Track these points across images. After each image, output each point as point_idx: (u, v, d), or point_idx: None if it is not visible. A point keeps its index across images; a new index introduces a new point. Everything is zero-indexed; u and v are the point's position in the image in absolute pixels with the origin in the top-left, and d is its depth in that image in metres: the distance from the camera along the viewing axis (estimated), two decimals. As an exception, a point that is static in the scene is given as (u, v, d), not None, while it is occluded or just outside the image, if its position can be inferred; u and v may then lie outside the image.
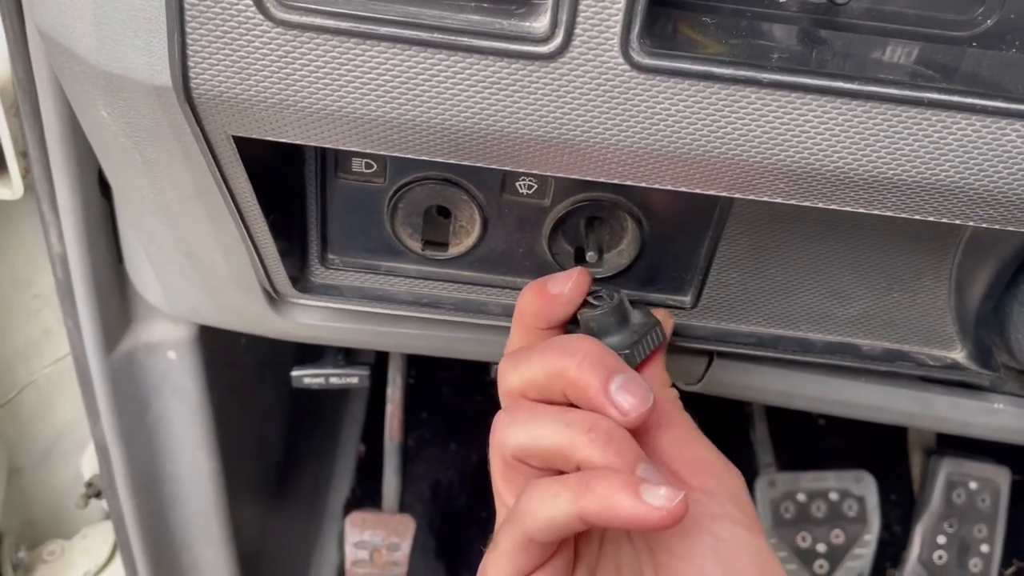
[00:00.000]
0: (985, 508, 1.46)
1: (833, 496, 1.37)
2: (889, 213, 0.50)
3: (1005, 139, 0.46)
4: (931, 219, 0.50)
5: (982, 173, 0.47)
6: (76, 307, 0.86)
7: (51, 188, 0.79)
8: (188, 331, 0.93)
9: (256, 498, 1.27)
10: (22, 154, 0.85)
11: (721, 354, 0.78)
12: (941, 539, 1.45)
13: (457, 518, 1.65)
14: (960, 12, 0.55)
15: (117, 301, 0.89)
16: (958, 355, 0.71)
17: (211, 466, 1.05)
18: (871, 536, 1.36)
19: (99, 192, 0.80)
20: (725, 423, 1.63)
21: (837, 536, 1.36)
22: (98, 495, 1.20)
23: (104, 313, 0.87)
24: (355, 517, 1.30)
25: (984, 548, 1.44)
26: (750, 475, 1.43)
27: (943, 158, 0.47)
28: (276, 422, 1.37)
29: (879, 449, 1.60)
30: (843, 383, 0.77)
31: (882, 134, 0.46)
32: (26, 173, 0.87)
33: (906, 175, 0.47)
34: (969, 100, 0.45)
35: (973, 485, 1.46)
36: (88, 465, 1.23)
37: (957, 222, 0.50)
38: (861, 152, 0.47)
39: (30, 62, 0.72)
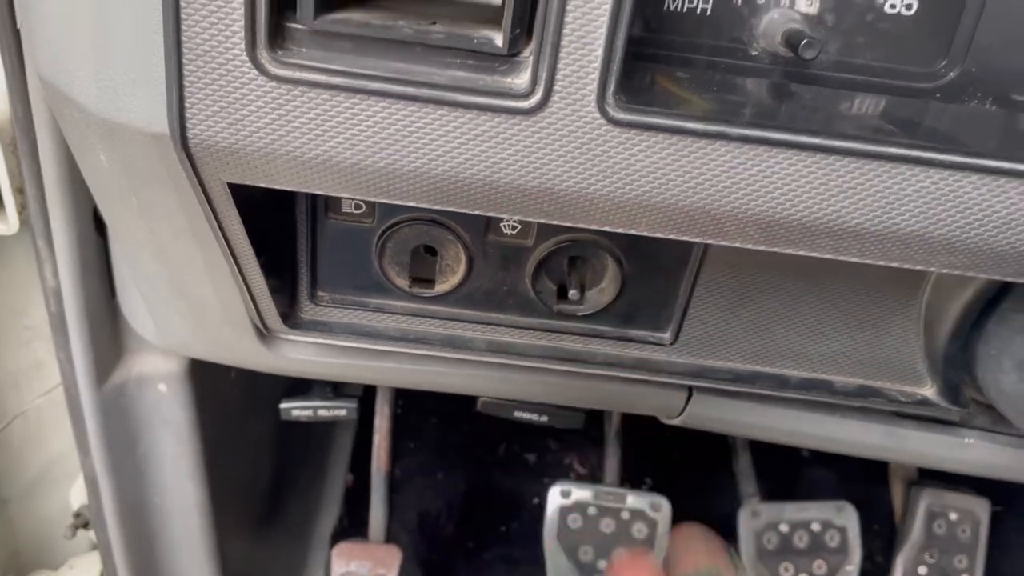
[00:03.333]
0: (965, 539, 1.47)
1: (815, 527, 1.38)
2: (855, 259, 0.53)
3: (962, 191, 0.49)
4: (894, 265, 0.53)
5: (941, 223, 0.50)
6: (69, 340, 0.87)
7: (47, 224, 0.81)
8: (179, 364, 0.94)
9: (244, 528, 1.28)
10: (18, 190, 0.87)
11: (700, 389, 0.80)
12: (922, 569, 1.46)
13: (443, 547, 1.65)
14: (924, 65, 0.58)
15: (109, 334, 0.90)
16: (928, 391, 0.74)
17: (199, 498, 1.06)
18: (852, 566, 1.38)
19: (94, 228, 0.82)
20: (709, 454, 1.65)
21: (819, 567, 1.37)
22: (86, 525, 1.20)
23: (96, 346, 0.89)
24: (342, 547, 1.31)
25: (965, 579, 1.46)
26: (733, 506, 1.45)
27: (903, 209, 0.49)
28: (265, 453, 1.38)
29: (862, 480, 1.62)
30: (819, 418, 0.79)
31: (845, 186, 0.49)
32: (22, 209, 0.88)
33: (869, 224, 0.50)
34: (928, 155, 0.48)
35: (953, 516, 1.48)
36: (77, 496, 1.23)
37: (919, 268, 0.53)
38: (826, 202, 0.49)
39: (29, 102, 0.74)
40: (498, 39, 0.47)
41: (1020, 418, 0.64)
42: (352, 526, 1.65)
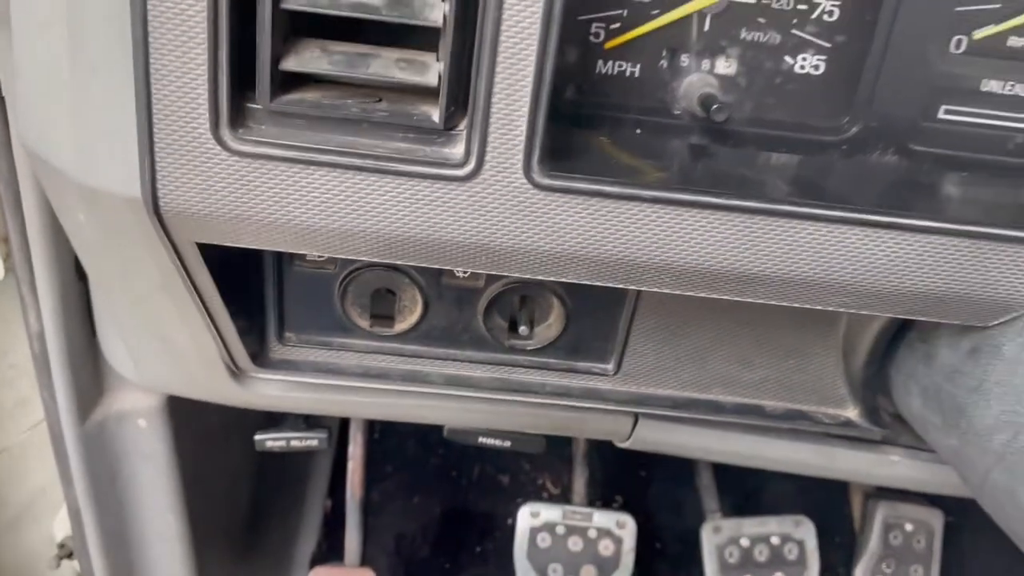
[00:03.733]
0: (920, 549, 1.54)
1: (775, 540, 1.44)
2: (761, 301, 0.59)
3: (847, 241, 0.55)
4: (796, 305, 0.59)
5: (831, 269, 0.56)
6: (52, 380, 0.92)
7: (31, 272, 0.86)
8: (157, 400, 0.99)
9: (224, 556, 1.32)
10: (3, 240, 0.93)
11: (645, 415, 0.86)
12: (880, 579, 1.52)
13: (420, 569, 1.70)
14: (831, 120, 0.65)
15: (90, 373, 0.95)
16: (851, 413, 0.80)
17: (179, 528, 1.10)
18: (811, 578, 1.44)
19: (75, 275, 0.88)
20: (677, 471, 1.70)
21: (780, 579, 1.43)
22: (70, 556, 1.24)
23: (78, 385, 0.94)
24: (319, 571, 1.35)
25: (921, 587, 1.52)
26: (700, 521, 1.50)
27: (797, 258, 0.56)
28: (243, 482, 1.43)
29: (822, 493, 1.68)
30: (755, 439, 0.85)
31: (745, 239, 0.55)
32: (7, 257, 0.94)
33: (767, 271, 0.56)
34: (817, 211, 0.55)
35: (909, 527, 1.54)
36: (60, 527, 1.27)
37: (818, 307, 0.59)
38: (730, 254, 0.55)
39: (14, 161, 0.80)
40: (435, 115, 0.54)
41: (926, 436, 0.70)
42: (330, 551, 1.69)
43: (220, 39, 0.50)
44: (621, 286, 0.59)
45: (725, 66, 0.64)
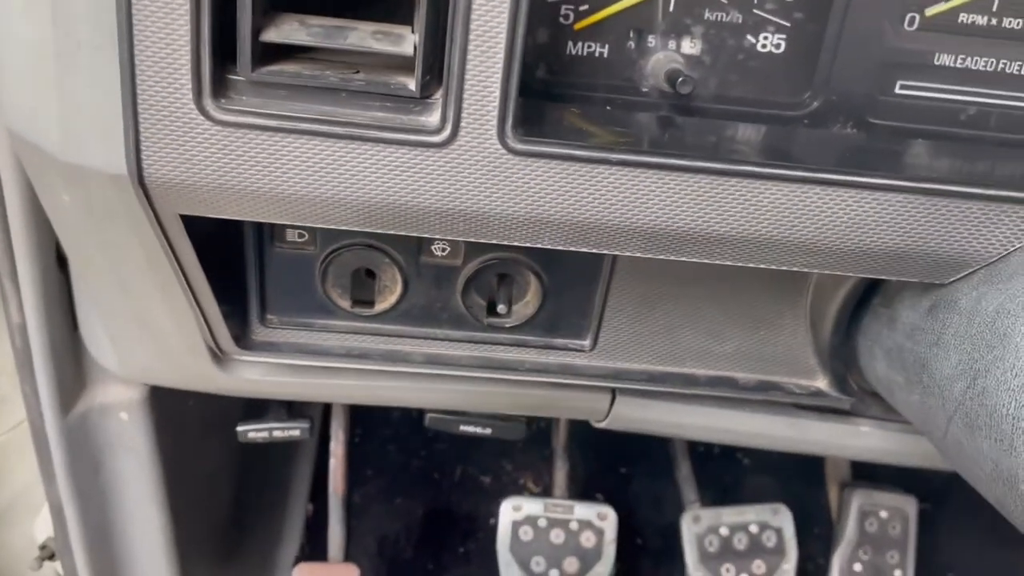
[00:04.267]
0: (896, 535, 1.56)
1: (753, 528, 1.46)
2: (727, 262, 0.61)
3: (809, 201, 0.58)
4: (763, 266, 0.61)
5: (793, 228, 0.59)
6: (34, 373, 0.93)
7: (12, 263, 0.87)
8: (139, 392, 1.00)
9: (207, 556, 1.32)
10: (-17, 234, 0.93)
11: (622, 391, 0.88)
12: (857, 567, 1.54)
13: (403, 570, 1.71)
14: (793, 96, 0.68)
15: (72, 366, 0.96)
16: (821, 383, 0.82)
17: (162, 522, 1.11)
18: (789, 565, 1.46)
19: (56, 266, 0.88)
20: (656, 466, 1.73)
21: (759, 567, 1.45)
22: (52, 557, 1.24)
23: (60, 378, 0.94)
24: (302, 567, 1.36)
25: (897, 573, 1.55)
26: (676, 516, 1.52)
27: (761, 217, 0.58)
28: (225, 480, 1.43)
29: (799, 483, 1.71)
30: (729, 413, 0.88)
31: (711, 199, 0.58)
32: (-13, 251, 0.94)
33: (732, 231, 0.58)
34: (777, 171, 0.57)
35: (884, 514, 1.57)
36: (41, 529, 1.27)
37: (783, 268, 0.62)
38: (695, 214, 0.58)
39: (-7, 152, 0.81)
40: (411, 84, 0.56)
41: (891, 399, 0.73)
42: (313, 553, 1.69)
43: (202, 12, 0.52)
44: (593, 251, 0.62)
45: (690, 45, 0.67)
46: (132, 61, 0.53)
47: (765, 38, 0.67)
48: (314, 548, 1.70)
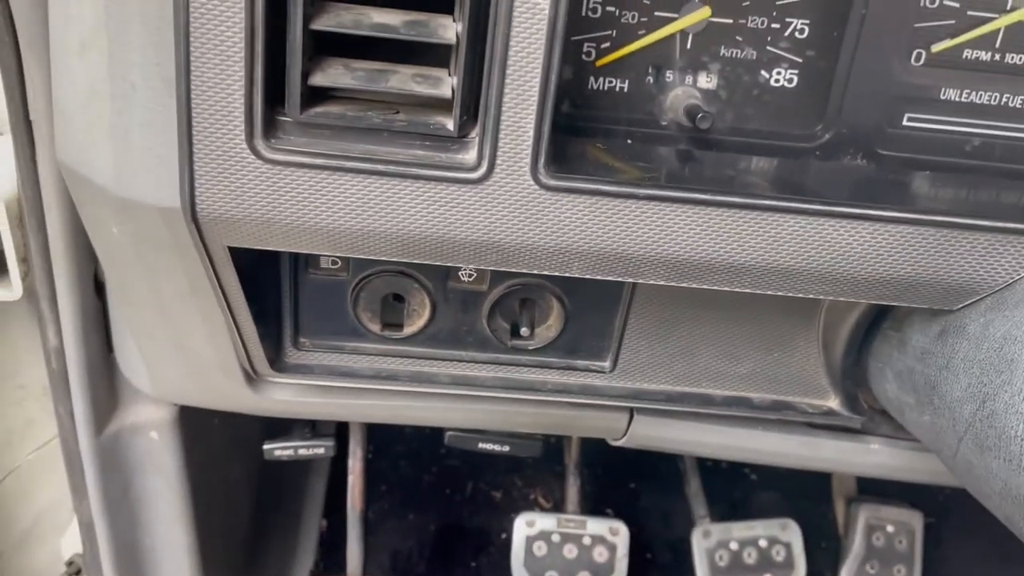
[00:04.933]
0: (902, 549, 1.59)
1: (763, 543, 1.49)
2: (747, 290, 0.65)
3: (825, 233, 0.61)
4: (780, 294, 0.65)
5: (812, 259, 0.62)
6: (70, 395, 0.96)
7: (51, 289, 0.90)
8: (170, 412, 1.03)
9: (226, 570, 1.35)
10: (22, 260, 0.97)
11: (640, 410, 0.91)
12: (865, 580, 1.57)
13: (417, 585, 1.73)
14: (804, 128, 0.71)
15: (106, 388, 0.99)
16: (832, 403, 0.85)
17: (188, 539, 1.13)
18: (799, 579, 1.49)
19: (94, 292, 0.92)
20: (665, 481, 1.75)
21: (769, 581, 1.48)
22: (78, 573, 1.26)
23: (95, 400, 0.97)
24: (320, 584, 1.39)
25: (904, 586, 1.57)
26: (685, 531, 1.55)
27: (780, 248, 0.61)
28: (245, 497, 1.45)
29: (806, 499, 1.73)
30: (744, 432, 0.91)
31: (733, 232, 0.61)
32: (25, 277, 0.97)
33: (753, 262, 0.62)
34: (796, 204, 0.60)
35: (890, 528, 1.60)
36: (68, 545, 1.29)
37: (800, 295, 0.65)
38: (717, 246, 0.61)
39: (39, 183, 0.84)
40: (449, 124, 0.59)
41: (902, 419, 0.76)
42: (328, 568, 1.72)
43: (256, 59, 0.55)
44: (619, 279, 0.65)
45: (707, 80, 0.70)
46: (189, 104, 0.57)
47: (778, 73, 0.70)
48: (328, 564, 1.73)
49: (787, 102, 0.71)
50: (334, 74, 0.58)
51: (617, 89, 0.70)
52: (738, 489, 1.77)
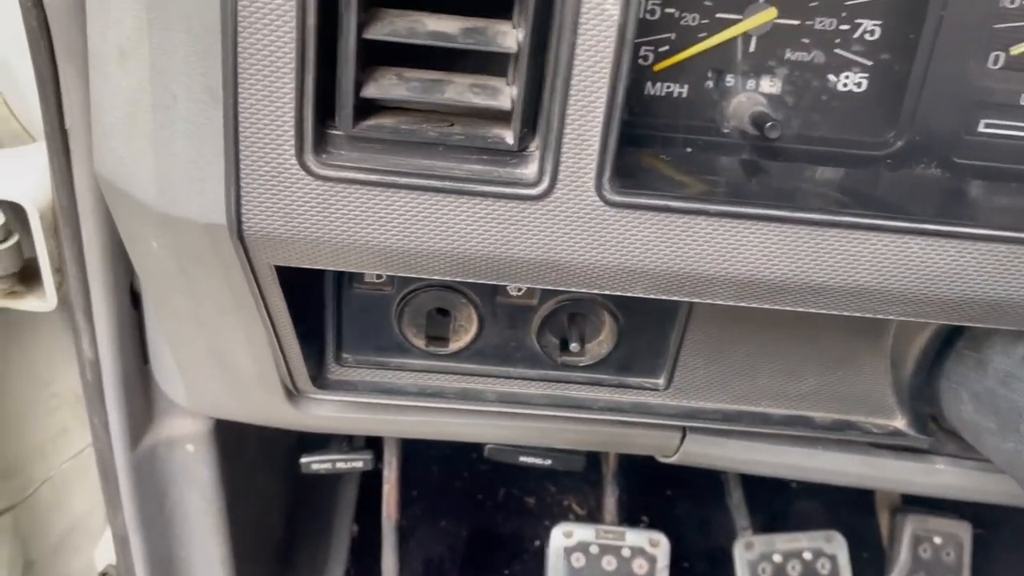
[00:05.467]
0: (950, 562, 1.54)
1: (807, 555, 1.45)
2: (821, 311, 0.61)
3: (908, 251, 0.57)
4: (855, 315, 0.61)
5: (892, 279, 0.58)
6: (105, 407, 0.94)
7: (87, 300, 0.88)
8: (205, 425, 1.01)
9: (260, 581, 1.33)
10: (57, 270, 0.94)
11: (693, 429, 0.87)
12: (912, 593, 1.53)
13: (450, 593, 1.70)
14: (875, 135, 0.67)
15: (142, 400, 0.96)
16: (899, 423, 0.81)
17: (222, 552, 1.11)
18: (845, 593, 1.44)
19: (130, 303, 0.89)
20: (701, 490, 1.71)
21: (813, 594, 1.43)
22: (111, 584, 1.25)
23: (130, 412, 0.95)
24: (354, 596, 1.36)
25: (952, 600, 1.52)
26: (728, 538, 1.51)
27: (860, 268, 0.58)
28: (278, 508, 1.44)
29: (849, 509, 1.69)
30: (802, 451, 0.87)
31: (808, 250, 0.57)
32: (59, 287, 0.95)
33: (831, 282, 0.58)
34: (878, 221, 0.57)
35: (938, 540, 1.55)
36: (101, 556, 1.28)
37: (878, 317, 0.61)
38: (792, 264, 0.57)
39: (74, 193, 0.82)
40: (509, 137, 0.56)
41: (978, 443, 0.72)
42: (359, 575, 1.70)
43: (307, 69, 0.52)
44: (684, 299, 0.61)
45: (770, 85, 0.67)
46: (236, 117, 0.54)
47: (847, 77, 0.67)
48: (360, 572, 1.71)
49: (857, 108, 0.67)
50: (387, 85, 0.55)
51: (675, 95, 0.67)
52: (778, 498, 1.73)
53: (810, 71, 0.66)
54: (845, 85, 0.67)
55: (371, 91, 0.55)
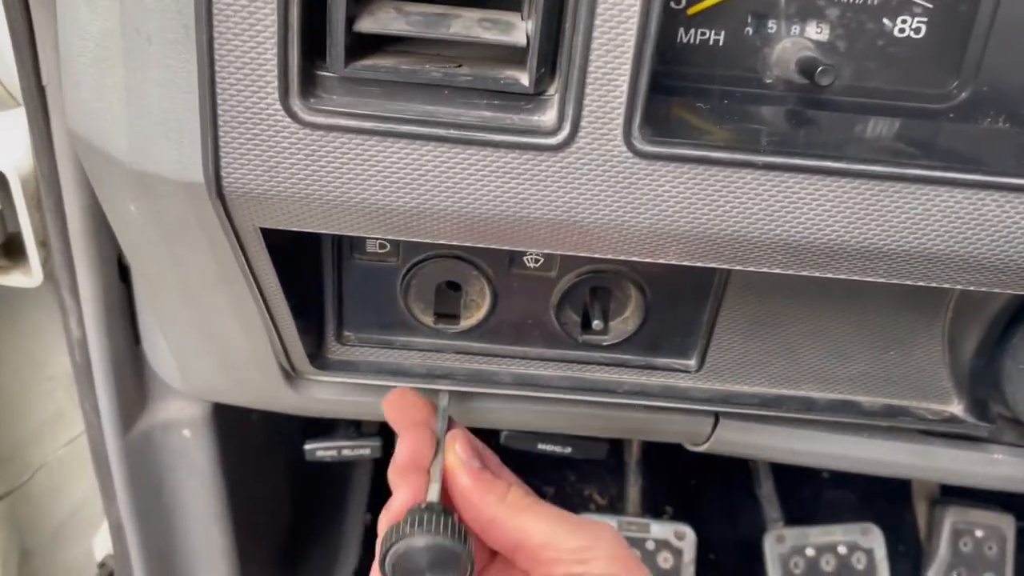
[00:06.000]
0: (992, 556, 1.46)
1: (842, 549, 1.37)
2: (881, 279, 0.53)
3: (985, 209, 0.50)
4: (920, 284, 0.53)
5: (966, 241, 0.50)
6: (95, 389, 0.88)
7: (72, 276, 0.82)
8: (202, 409, 0.95)
9: (267, 572, 1.27)
10: (41, 244, 0.88)
11: (727, 414, 0.80)
12: (951, 589, 1.45)
13: (466, 584, 1.64)
14: (936, 86, 0.59)
15: (134, 382, 0.91)
16: (955, 408, 0.74)
17: (224, 543, 1.06)
18: (881, 589, 1.37)
19: (118, 277, 0.83)
20: (730, 480, 1.64)
21: (848, 590, 1.36)
22: (111, 575, 1.20)
23: (121, 394, 0.89)
24: (366, 588, 1.31)
25: (994, 596, 1.45)
26: (758, 530, 1.44)
27: (929, 228, 0.50)
28: (285, 496, 1.38)
29: (885, 500, 1.61)
30: (847, 439, 0.79)
31: (871, 208, 0.50)
32: (45, 262, 0.89)
33: (895, 245, 0.50)
34: (950, 174, 0.49)
35: (979, 533, 1.47)
36: (100, 546, 1.23)
37: (945, 286, 0.53)
38: (852, 225, 0.50)
39: (55, 158, 0.75)
40: (524, 79, 0.49)
41: (1051, 431, 0.64)
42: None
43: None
44: (725, 267, 0.54)
45: (817, 31, 0.59)
46: (211, 56, 0.47)
47: (904, 21, 0.59)
48: (372, 562, 1.65)
49: (915, 55, 0.59)
50: (384, 18, 0.48)
51: (711, 42, 0.59)
52: (809, 488, 1.65)
53: (863, 14, 0.58)
54: (902, 30, 0.59)
55: (366, 24, 0.47)
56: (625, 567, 0.56)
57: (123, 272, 0.84)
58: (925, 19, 0.59)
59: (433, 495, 0.58)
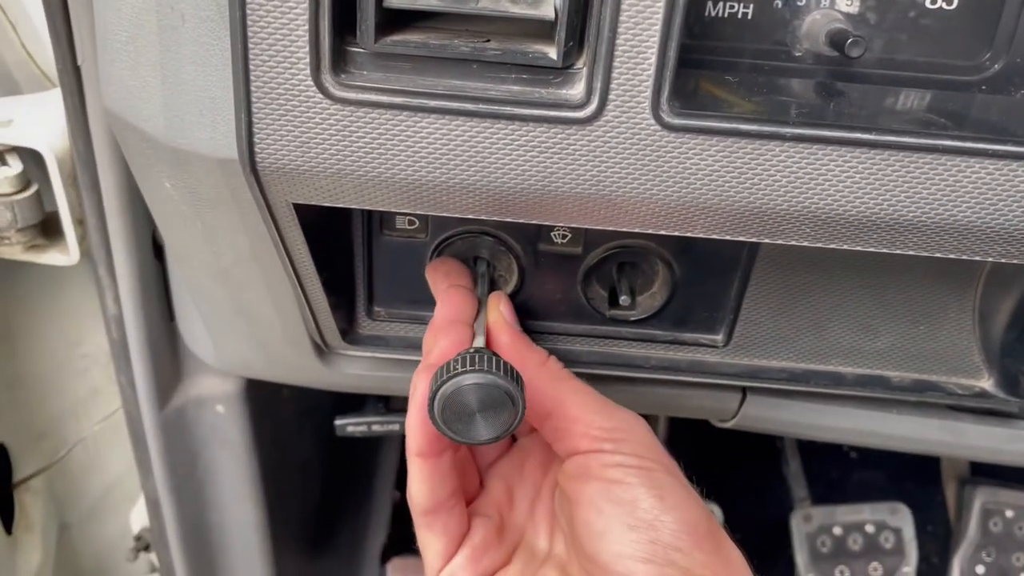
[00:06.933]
0: (1022, 536, 1.45)
1: (869, 528, 1.37)
2: (911, 252, 0.53)
3: (1017, 180, 0.49)
4: (951, 256, 0.53)
5: (998, 213, 0.50)
6: (131, 365, 0.90)
7: (108, 253, 0.83)
8: (236, 385, 0.96)
9: (298, 547, 1.30)
10: (78, 222, 0.90)
11: (755, 390, 0.80)
12: (980, 569, 1.44)
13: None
14: (968, 58, 0.59)
15: (169, 358, 0.92)
16: (986, 383, 0.73)
17: (257, 517, 1.08)
18: (910, 568, 1.36)
19: (153, 255, 0.85)
20: (757, 458, 1.64)
21: (875, 569, 1.36)
22: (147, 548, 1.23)
23: (157, 370, 0.91)
24: (396, 563, 1.32)
25: (1025, 576, 1.44)
26: (785, 509, 1.44)
27: (960, 200, 0.50)
28: (315, 471, 1.40)
29: (913, 480, 1.60)
30: (875, 415, 0.79)
31: (900, 180, 0.49)
32: (82, 240, 0.91)
33: (925, 217, 0.50)
34: (982, 145, 0.49)
35: (1009, 513, 1.46)
36: (137, 519, 1.26)
37: (977, 259, 0.53)
38: (882, 197, 0.50)
39: (90, 137, 0.77)
40: (552, 52, 0.49)
41: (1083, 406, 0.64)
42: (401, 543, 1.66)
43: (322, -27, 0.46)
44: (752, 239, 0.54)
45: (847, 3, 0.58)
46: (244, 33, 0.47)
47: (936, -8, 0.58)
48: (401, 538, 1.67)
49: (948, 27, 0.58)
50: (413, -7, 0.48)
51: (740, 15, 0.59)
52: (836, 467, 1.64)
53: (893, -16, 0.58)
54: (934, 2, 0.58)
55: (395, 0, 0.48)
56: (656, 455, 0.56)
57: (158, 250, 0.85)
58: (958, -11, 0.58)
59: (479, 344, 0.57)
